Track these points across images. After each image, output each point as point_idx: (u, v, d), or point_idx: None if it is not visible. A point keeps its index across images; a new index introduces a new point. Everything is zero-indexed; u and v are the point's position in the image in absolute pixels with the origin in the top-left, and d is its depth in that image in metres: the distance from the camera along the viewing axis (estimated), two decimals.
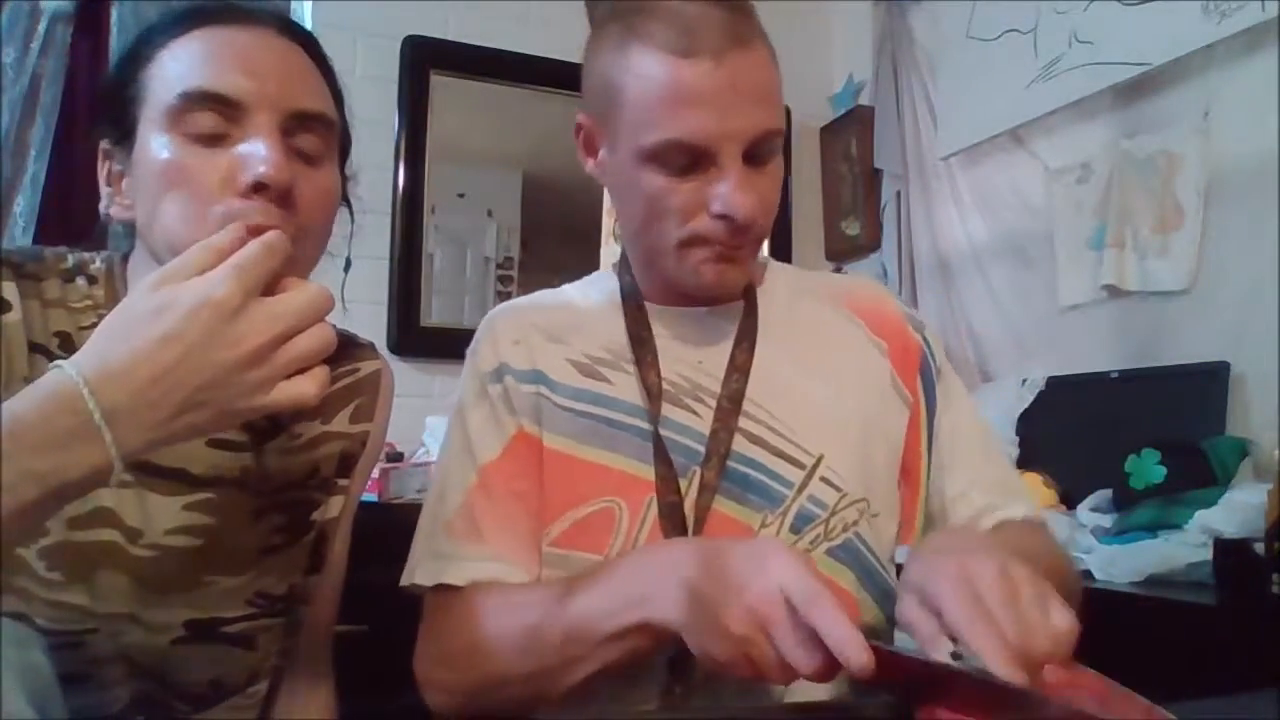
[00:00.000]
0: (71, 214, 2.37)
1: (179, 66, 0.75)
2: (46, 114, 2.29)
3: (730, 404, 0.87)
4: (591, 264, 2.80)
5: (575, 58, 0.93)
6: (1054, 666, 0.57)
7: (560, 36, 2.71)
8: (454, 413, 0.93)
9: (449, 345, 2.51)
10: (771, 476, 0.86)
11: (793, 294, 0.97)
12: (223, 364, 0.57)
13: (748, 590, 0.64)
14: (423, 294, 2.54)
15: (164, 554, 0.79)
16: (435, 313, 2.57)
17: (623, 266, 0.96)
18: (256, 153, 0.72)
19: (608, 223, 2.83)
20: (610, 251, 2.81)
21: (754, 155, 0.81)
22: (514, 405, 0.89)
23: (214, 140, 0.73)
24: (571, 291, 1.00)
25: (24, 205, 2.26)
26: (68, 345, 0.77)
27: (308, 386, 0.61)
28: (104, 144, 0.80)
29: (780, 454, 0.87)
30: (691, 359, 0.90)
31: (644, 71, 0.80)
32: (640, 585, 0.73)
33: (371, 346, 0.97)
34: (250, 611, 0.83)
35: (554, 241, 2.79)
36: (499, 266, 2.71)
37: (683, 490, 0.85)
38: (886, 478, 0.91)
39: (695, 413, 0.87)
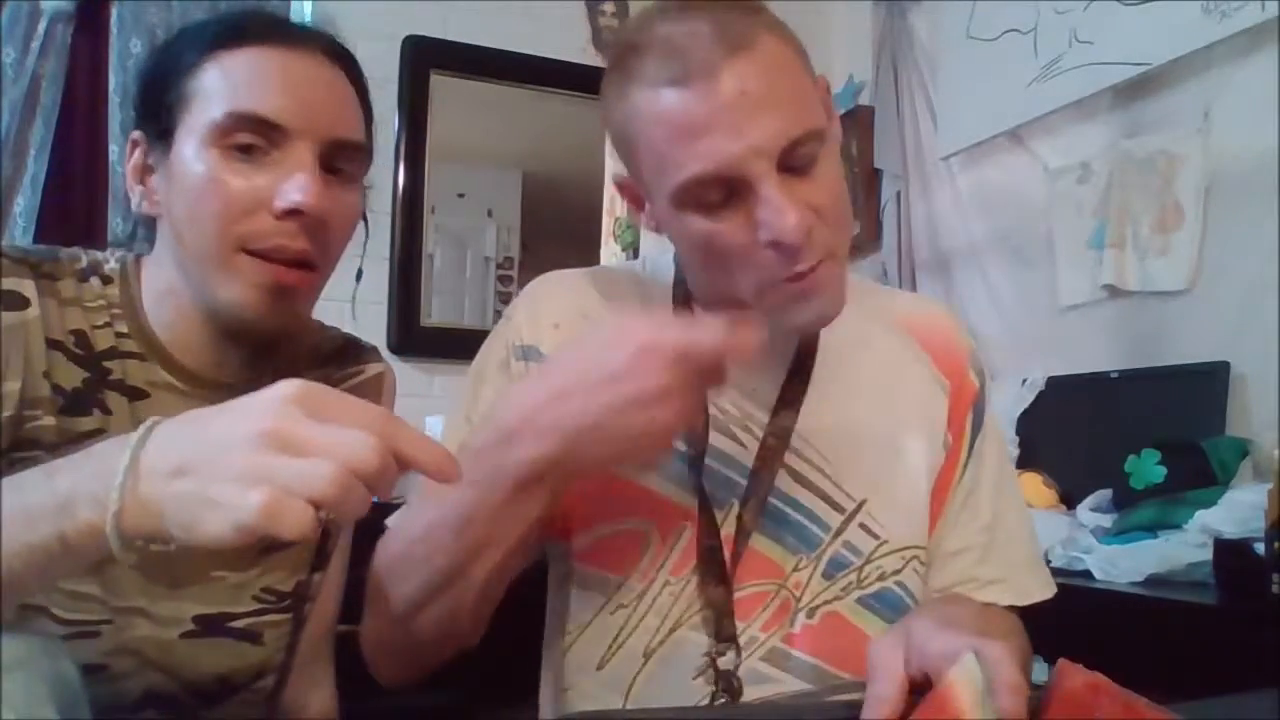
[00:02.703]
0: (71, 214, 2.37)
1: (227, 83, 0.76)
2: (46, 114, 2.29)
3: (776, 440, 0.83)
4: (591, 264, 2.79)
5: (575, 58, 0.92)
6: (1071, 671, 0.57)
7: (560, 36, 2.72)
8: (473, 368, 0.89)
9: (449, 345, 2.53)
10: (810, 518, 0.83)
11: (860, 319, 0.88)
12: (221, 433, 0.51)
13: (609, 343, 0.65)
14: (423, 294, 2.54)
15: (173, 548, 0.80)
16: (435, 313, 2.57)
17: (677, 281, 0.89)
18: (295, 180, 0.75)
19: (608, 223, 2.83)
20: (610, 251, 2.81)
21: (791, 165, 0.72)
22: None
23: (253, 158, 0.75)
24: (631, 277, 0.92)
25: (24, 205, 2.26)
26: (84, 343, 0.79)
27: (255, 513, 0.49)
28: (136, 135, 0.81)
29: (822, 495, 0.83)
30: (745, 385, 0.84)
31: (645, 112, 0.73)
32: (504, 434, 0.69)
33: (375, 350, 0.98)
34: (257, 607, 0.84)
35: (554, 241, 2.79)
36: (499, 266, 2.71)
37: (719, 523, 0.81)
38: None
39: (742, 444, 0.83)
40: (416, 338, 2.49)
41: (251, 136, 0.75)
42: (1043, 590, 0.88)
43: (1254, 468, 1.58)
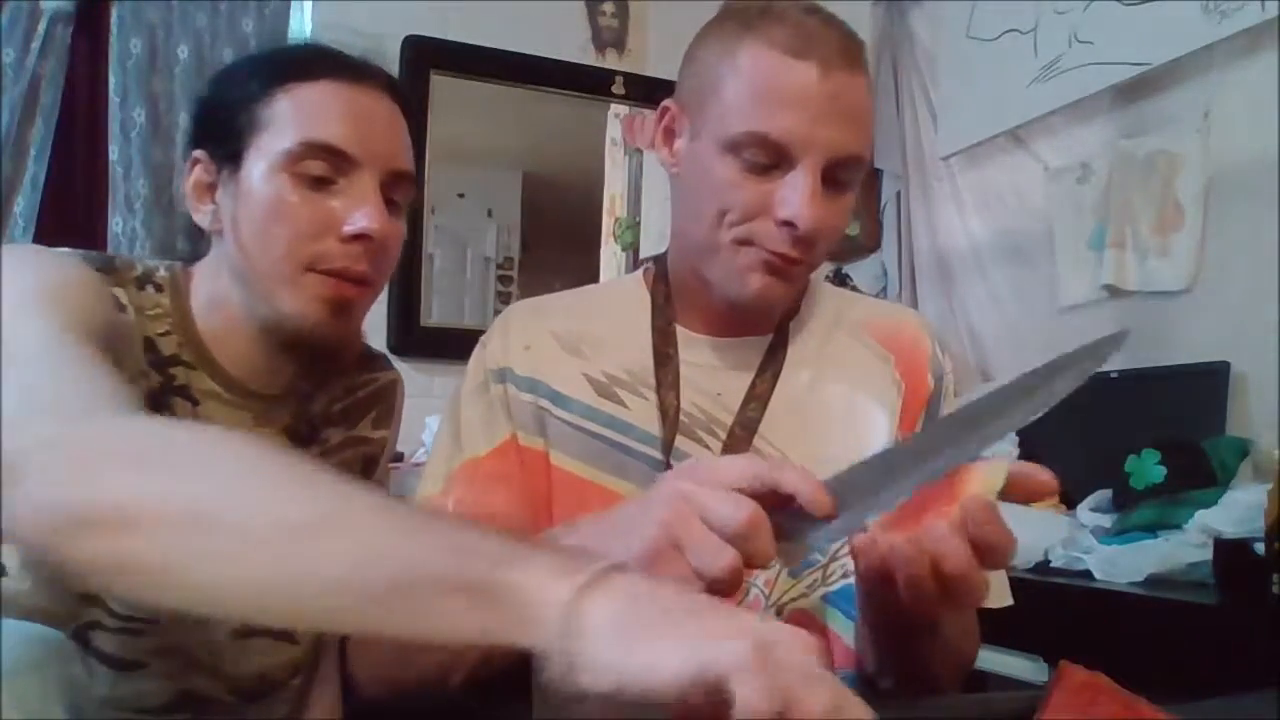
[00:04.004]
0: (71, 214, 2.38)
1: (300, 114, 0.81)
2: (46, 114, 2.29)
3: (743, 431, 0.85)
4: (591, 264, 2.80)
5: (575, 58, 0.94)
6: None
7: (560, 36, 2.72)
8: (453, 396, 0.93)
9: (449, 345, 2.53)
10: None
11: (828, 326, 0.93)
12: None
13: (658, 506, 0.60)
14: (423, 294, 2.54)
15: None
16: (435, 313, 2.58)
17: (657, 277, 0.93)
18: (364, 209, 0.80)
19: (608, 223, 2.83)
20: (610, 251, 2.81)
21: (832, 178, 0.80)
22: (511, 411, 0.88)
23: (320, 184, 0.80)
24: (599, 297, 0.97)
25: (24, 205, 2.26)
26: (153, 348, 0.82)
27: None
28: (198, 154, 0.85)
29: None
30: (710, 390, 0.88)
31: (750, 64, 0.80)
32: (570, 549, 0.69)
33: (386, 358, 1.03)
34: None
35: (554, 241, 2.79)
36: (499, 267, 2.71)
37: None
38: None
39: (707, 446, 0.86)
40: (416, 338, 2.50)
41: (321, 165, 0.80)
42: (995, 598, 0.86)
43: (1254, 468, 1.58)
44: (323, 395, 0.94)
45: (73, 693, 0.58)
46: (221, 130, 0.83)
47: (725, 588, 0.57)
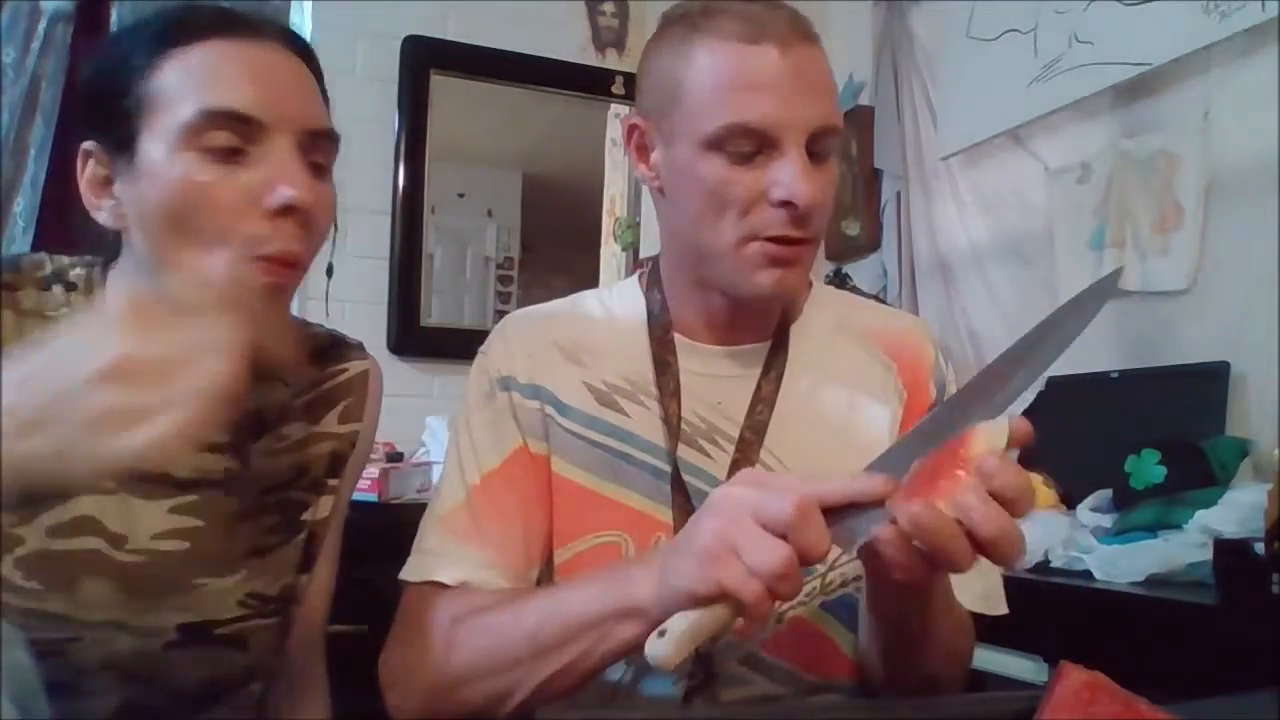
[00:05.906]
0: (71, 215, 2.37)
1: (192, 81, 0.73)
2: (46, 114, 2.29)
3: (754, 435, 0.85)
4: (591, 264, 2.80)
5: (575, 58, 0.93)
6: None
7: (560, 36, 2.72)
8: (461, 408, 0.92)
9: (449, 345, 2.53)
10: None
11: (830, 331, 0.93)
12: (74, 374, 0.50)
13: (711, 515, 0.61)
14: (423, 294, 2.54)
15: (152, 559, 0.79)
16: (435, 313, 2.57)
17: (651, 283, 0.93)
18: (285, 176, 0.72)
19: (608, 223, 2.83)
20: (610, 251, 2.81)
21: (814, 150, 0.81)
22: (518, 419, 0.88)
23: (232, 157, 0.72)
24: (596, 304, 0.96)
25: (24, 206, 2.26)
26: None
27: (161, 428, 0.51)
28: (88, 145, 0.77)
29: None
30: (711, 399, 0.88)
31: (709, 60, 0.80)
32: (626, 571, 0.71)
33: (360, 346, 0.96)
34: (243, 613, 0.83)
35: (554, 241, 2.79)
36: (499, 266, 2.71)
37: None
38: None
39: (709, 455, 0.86)
40: (416, 338, 2.49)
41: (228, 135, 0.72)
42: (985, 604, 0.86)
43: (1254, 468, 1.58)
44: (282, 389, 0.88)
45: (17, 680, 0.56)
46: (108, 116, 0.74)
47: (782, 584, 0.57)
